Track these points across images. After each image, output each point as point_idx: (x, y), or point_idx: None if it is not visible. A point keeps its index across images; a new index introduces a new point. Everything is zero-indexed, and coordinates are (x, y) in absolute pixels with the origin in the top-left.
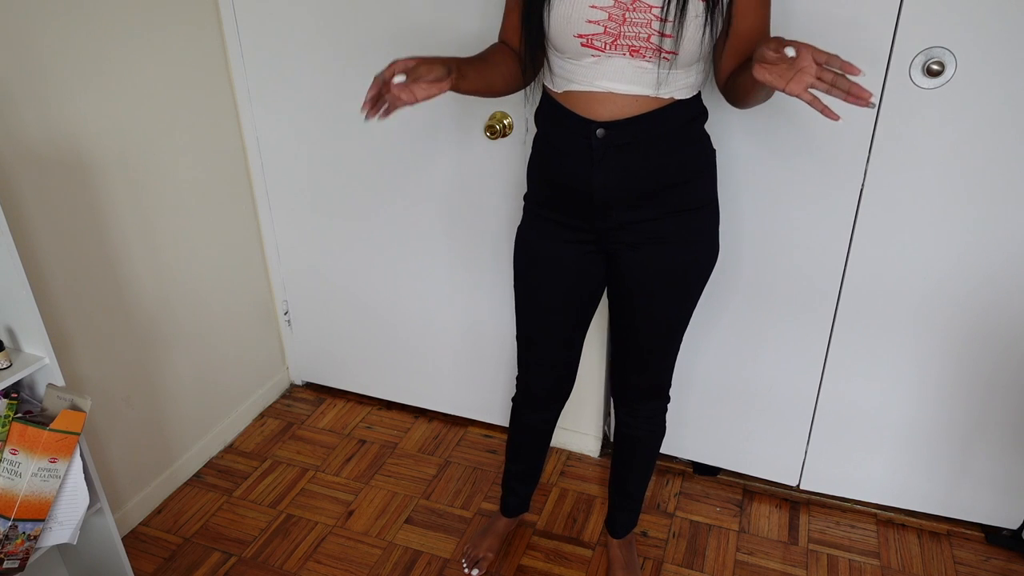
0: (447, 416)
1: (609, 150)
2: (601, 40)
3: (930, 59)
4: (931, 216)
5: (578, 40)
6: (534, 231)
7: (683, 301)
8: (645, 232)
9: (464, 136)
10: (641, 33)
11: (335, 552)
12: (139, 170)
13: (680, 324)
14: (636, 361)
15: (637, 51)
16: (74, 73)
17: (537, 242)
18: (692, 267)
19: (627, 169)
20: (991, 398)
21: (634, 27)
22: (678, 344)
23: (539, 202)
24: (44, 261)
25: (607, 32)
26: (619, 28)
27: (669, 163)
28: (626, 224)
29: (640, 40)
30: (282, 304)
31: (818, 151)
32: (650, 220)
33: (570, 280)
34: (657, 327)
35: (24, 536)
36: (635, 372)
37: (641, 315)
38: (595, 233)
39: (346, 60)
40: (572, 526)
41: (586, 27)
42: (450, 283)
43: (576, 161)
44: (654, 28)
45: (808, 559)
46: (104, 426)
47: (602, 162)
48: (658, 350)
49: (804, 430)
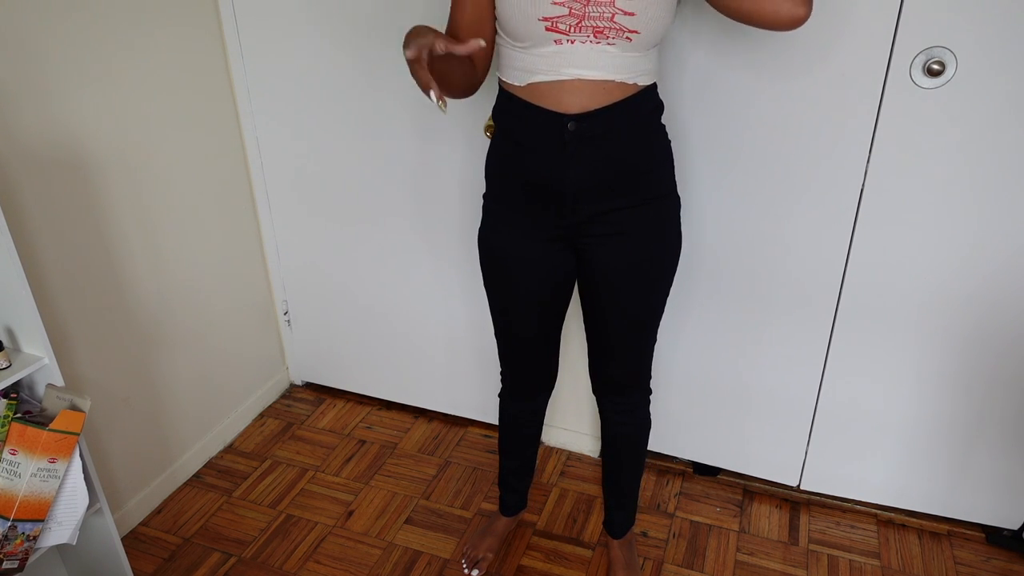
0: (447, 416)
1: (582, 143)
2: (566, 22)
3: (931, 59)
4: (932, 216)
5: (542, 24)
6: (498, 232)
7: (652, 291)
8: (612, 223)
9: (464, 136)
10: (605, 13)
11: (335, 552)
12: (139, 170)
13: (651, 315)
14: (609, 353)
15: (601, 32)
16: (74, 73)
17: (503, 242)
18: (658, 258)
19: (600, 161)
20: (992, 398)
21: (598, 7)
22: (653, 336)
23: (501, 200)
24: (44, 261)
25: (572, 13)
26: (583, 8)
27: (638, 152)
28: (594, 216)
29: (604, 20)
30: (282, 304)
31: (819, 151)
32: (618, 210)
33: (540, 275)
34: (628, 318)
35: (23, 536)
36: (609, 364)
37: (611, 307)
38: (563, 228)
39: (346, 60)
40: (572, 526)
41: (550, 8)
42: (450, 283)
43: (546, 157)
44: (617, 7)
45: (808, 559)
46: (104, 426)
47: (575, 156)
48: (629, 342)
49: (804, 430)
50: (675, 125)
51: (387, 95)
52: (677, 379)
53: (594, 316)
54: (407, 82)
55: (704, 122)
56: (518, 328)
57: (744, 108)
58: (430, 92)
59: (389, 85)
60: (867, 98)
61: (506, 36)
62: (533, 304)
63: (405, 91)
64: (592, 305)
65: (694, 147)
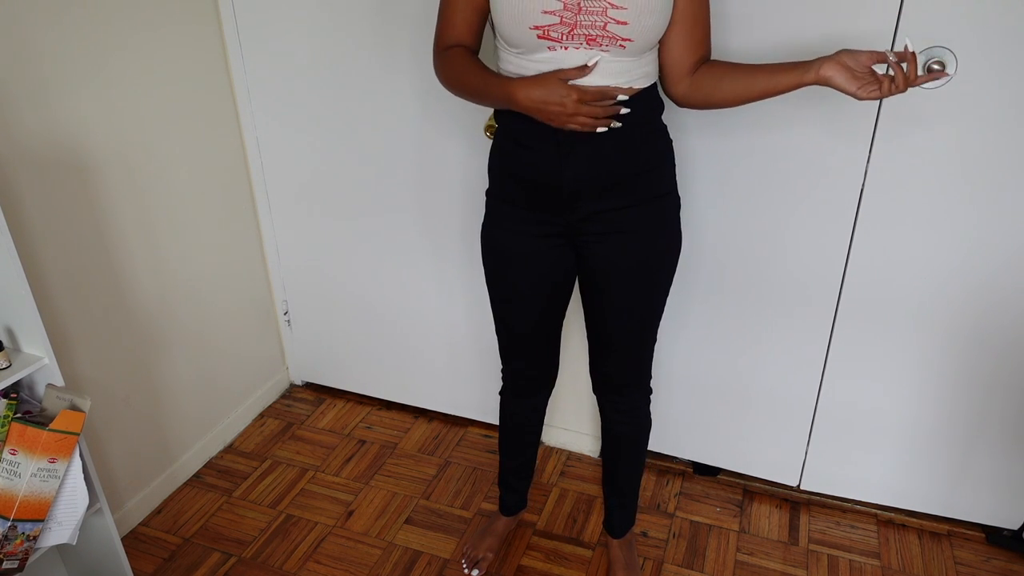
0: (447, 416)
1: (577, 142)
2: (558, 31)
3: (931, 58)
4: (931, 216)
5: (534, 32)
6: (500, 227)
7: (652, 290)
8: (612, 222)
9: (464, 136)
10: (597, 21)
11: (335, 552)
12: (139, 170)
13: (651, 314)
14: (609, 352)
15: (594, 39)
16: (74, 73)
17: (504, 238)
18: (659, 256)
19: (595, 160)
20: (992, 398)
21: (590, 15)
22: (652, 336)
23: (503, 198)
24: (44, 261)
25: (563, 22)
26: (575, 17)
27: (635, 152)
28: (594, 215)
29: (596, 28)
30: (282, 304)
31: (818, 151)
32: (617, 209)
33: (540, 272)
34: (628, 317)
35: (23, 536)
36: (609, 363)
37: (610, 305)
38: (563, 226)
39: (346, 60)
40: (572, 526)
41: (542, 18)
42: (450, 283)
43: (543, 155)
44: (609, 16)
45: (808, 559)
46: (104, 426)
47: (570, 155)
48: (631, 340)
49: (804, 430)
50: (675, 126)
51: (387, 94)
52: (677, 379)
53: (594, 314)
54: (407, 82)
55: (704, 122)
56: (518, 324)
57: (744, 108)
58: (610, 123)
59: (389, 85)
60: None
61: (503, 41)
62: (533, 300)
63: (405, 91)
64: (592, 303)
65: (694, 147)
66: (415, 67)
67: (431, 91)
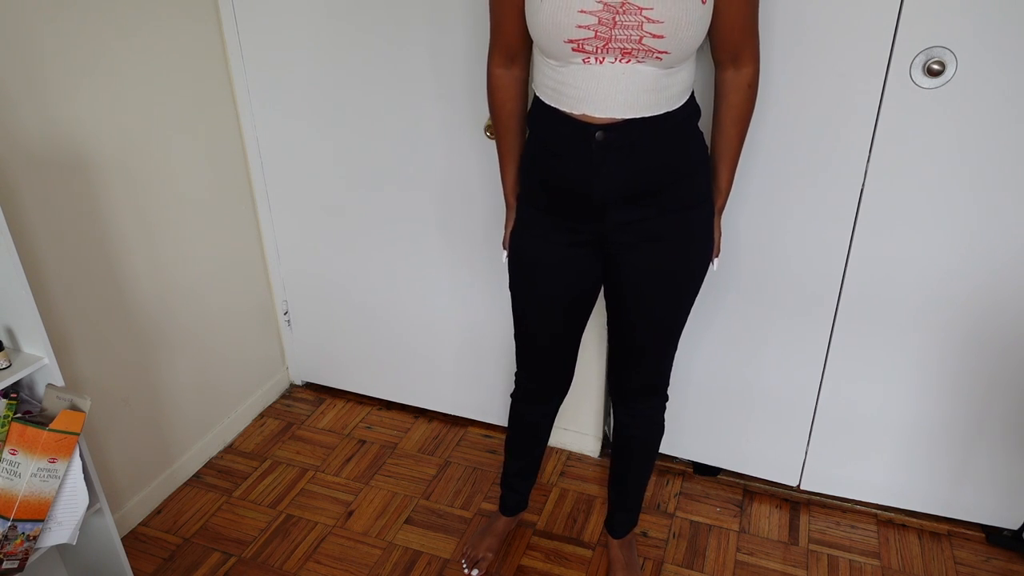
0: (447, 416)
1: (609, 152)
2: (592, 44)
3: (931, 59)
4: (931, 217)
5: (569, 45)
6: (529, 233)
7: (680, 300)
8: (643, 231)
9: (465, 137)
10: (632, 35)
11: (335, 552)
12: (138, 170)
13: (677, 323)
14: (633, 360)
15: (629, 53)
16: (73, 73)
17: (533, 244)
18: (688, 266)
19: (627, 170)
20: (991, 398)
21: (625, 30)
22: (675, 343)
23: (534, 204)
24: (44, 261)
25: (598, 36)
26: (609, 32)
27: (667, 162)
28: (624, 224)
29: (631, 43)
30: (282, 304)
31: (818, 151)
32: (648, 219)
33: (567, 281)
34: (654, 326)
35: (23, 536)
36: (632, 371)
37: (638, 314)
38: (592, 234)
39: (346, 60)
40: (572, 526)
41: (576, 32)
42: (450, 283)
43: (574, 164)
44: (645, 30)
45: (808, 559)
46: (103, 426)
47: (602, 165)
48: (655, 349)
49: (804, 430)
50: None
51: (388, 95)
52: (678, 379)
53: (620, 322)
54: (407, 82)
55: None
56: (540, 332)
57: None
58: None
59: (390, 85)
60: (867, 98)
61: (539, 50)
62: (557, 309)
63: (406, 91)
64: (618, 312)
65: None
66: (419, 67)
67: (432, 91)
